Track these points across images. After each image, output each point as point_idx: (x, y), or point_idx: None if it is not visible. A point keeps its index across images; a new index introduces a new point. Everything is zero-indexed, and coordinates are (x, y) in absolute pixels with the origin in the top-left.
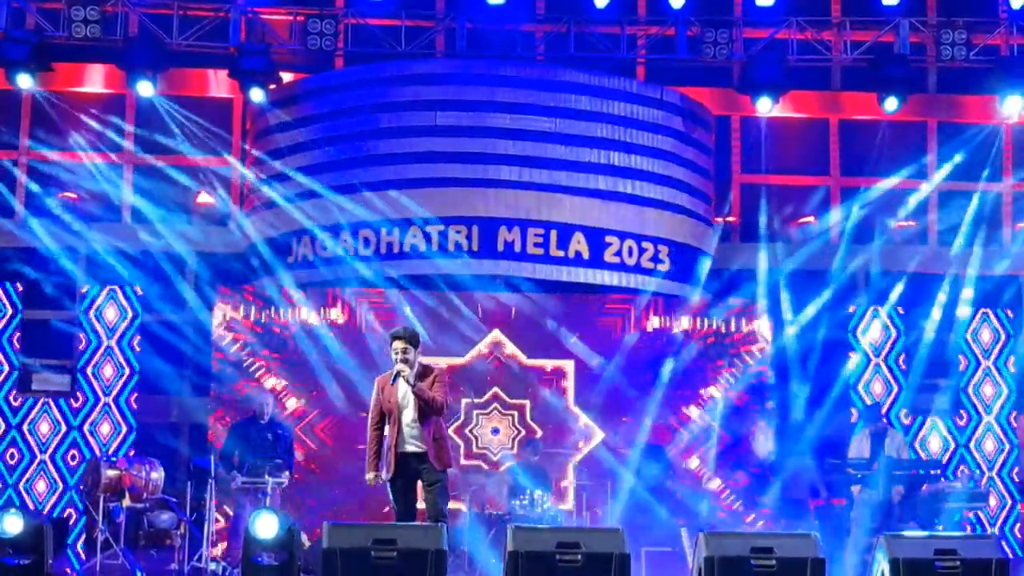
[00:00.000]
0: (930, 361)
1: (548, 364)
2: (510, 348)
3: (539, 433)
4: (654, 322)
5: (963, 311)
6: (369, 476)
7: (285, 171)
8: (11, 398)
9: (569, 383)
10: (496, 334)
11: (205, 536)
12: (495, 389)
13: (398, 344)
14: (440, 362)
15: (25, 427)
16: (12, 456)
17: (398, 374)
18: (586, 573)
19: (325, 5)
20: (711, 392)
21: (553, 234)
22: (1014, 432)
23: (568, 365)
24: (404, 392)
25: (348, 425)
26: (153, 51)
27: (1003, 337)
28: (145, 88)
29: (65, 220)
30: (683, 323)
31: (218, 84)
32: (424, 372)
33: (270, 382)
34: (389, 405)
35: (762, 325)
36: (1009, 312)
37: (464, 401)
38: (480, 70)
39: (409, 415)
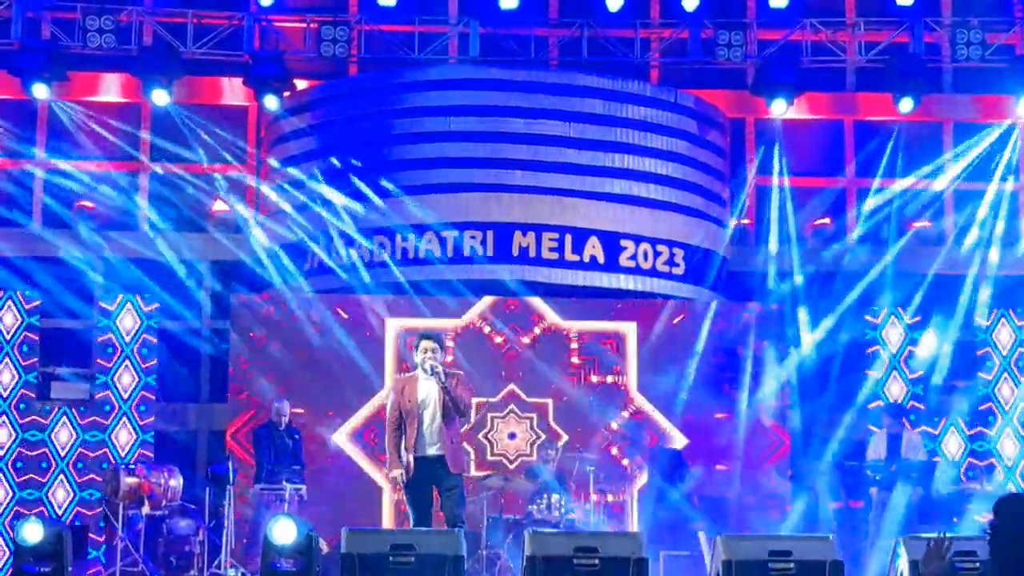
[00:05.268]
0: (949, 363)
1: (538, 400)
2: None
3: (544, 437)
4: (593, 378)
5: (980, 312)
6: (395, 473)
7: (300, 178)
8: (30, 406)
9: (549, 411)
10: (511, 385)
11: (224, 543)
12: (511, 405)
13: (427, 344)
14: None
15: (45, 435)
16: (32, 464)
17: (433, 371)
18: None
19: (339, 12)
20: (623, 414)
21: (568, 238)
22: None
23: (549, 401)
24: (426, 394)
25: None
26: (168, 60)
27: (1021, 338)
28: (160, 97)
29: (82, 229)
30: (608, 378)
31: (233, 92)
32: (446, 374)
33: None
34: (409, 405)
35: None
36: None
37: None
38: (494, 75)
39: (429, 417)
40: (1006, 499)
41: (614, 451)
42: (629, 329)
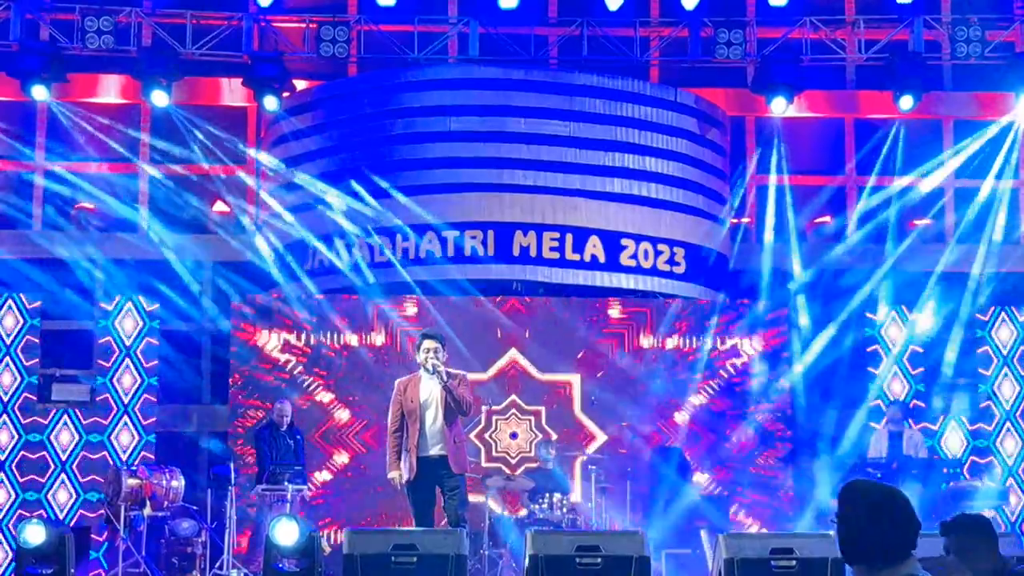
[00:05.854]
0: (951, 360)
1: (558, 378)
2: (524, 364)
3: (554, 436)
4: (644, 342)
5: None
6: (393, 475)
7: (300, 178)
8: (32, 408)
9: (576, 394)
10: (513, 353)
11: (226, 544)
12: (512, 397)
13: (429, 343)
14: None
15: (46, 437)
16: (33, 466)
17: (434, 370)
18: None
19: (338, 12)
20: (693, 400)
21: (569, 238)
22: None
23: (574, 379)
24: (428, 393)
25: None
26: (167, 61)
27: (1022, 335)
28: (159, 98)
29: (82, 231)
30: (670, 343)
31: (232, 92)
32: (448, 374)
33: (325, 396)
34: (411, 405)
35: (746, 343)
36: None
37: (483, 408)
38: (493, 74)
39: (431, 416)
40: (845, 487)
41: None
42: None
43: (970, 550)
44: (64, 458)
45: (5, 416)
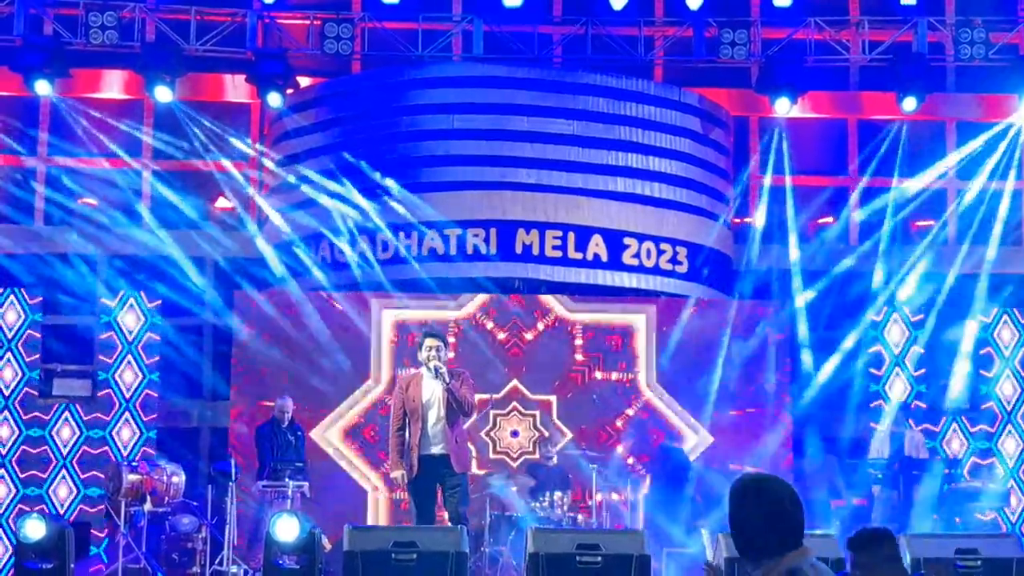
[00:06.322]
0: (950, 361)
1: (604, 319)
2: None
3: (569, 436)
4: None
5: (981, 310)
6: (396, 474)
7: (302, 175)
8: (33, 403)
9: (641, 349)
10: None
11: (226, 540)
12: (514, 382)
13: (431, 342)
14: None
15: (47, 432)
16: (34, 461)
17: (437, 371)
18: (606, 574)
19: (342, 9)
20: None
21: (571, 236)
22: None
23: (639, 320)
24: (431, 392)
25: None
26: (170, 56)
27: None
28: (163, 93)
29: (84, 226)
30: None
31: (236, 89)
32: (451, 374)
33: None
34: (413, 404)
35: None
36: None
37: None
38: (497, 73)
39: (434, 415)
40: (733, 482)
41: (619, 449)
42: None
43: (876, 565)
44: (65, 453)
45: (6, 411)
